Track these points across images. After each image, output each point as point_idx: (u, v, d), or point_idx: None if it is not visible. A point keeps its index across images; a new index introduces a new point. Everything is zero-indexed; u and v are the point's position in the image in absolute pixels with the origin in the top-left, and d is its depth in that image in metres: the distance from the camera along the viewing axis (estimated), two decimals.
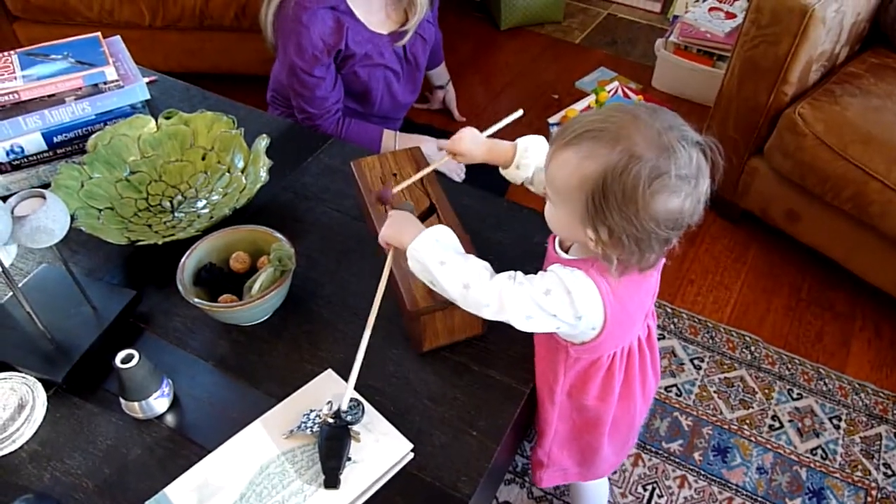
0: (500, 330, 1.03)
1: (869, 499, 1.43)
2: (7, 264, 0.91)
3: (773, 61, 1.64)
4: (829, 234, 1.74)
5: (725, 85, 1.78)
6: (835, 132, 1.60)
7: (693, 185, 0.74)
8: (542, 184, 0.95)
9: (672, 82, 2.54)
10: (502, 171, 1.03)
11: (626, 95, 2.15)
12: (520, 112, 1.08)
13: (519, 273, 0.83)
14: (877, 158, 1.54)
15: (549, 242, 0.93)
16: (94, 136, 1.23)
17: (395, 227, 0.90)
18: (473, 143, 1.02)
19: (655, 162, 0.71)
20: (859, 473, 1.47)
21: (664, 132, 0.72)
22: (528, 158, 0.99)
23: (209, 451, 0.90)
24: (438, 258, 0.83)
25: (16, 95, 1.23)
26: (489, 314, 0.82)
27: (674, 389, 1.60)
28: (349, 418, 0.88)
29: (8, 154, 1.25)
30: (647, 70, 2.63)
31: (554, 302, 0.80)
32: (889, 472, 1.47)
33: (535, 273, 0.85)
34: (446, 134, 1.80)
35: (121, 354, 0.89)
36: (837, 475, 1.46)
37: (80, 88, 1.28)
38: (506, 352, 1.02)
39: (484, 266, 0.84)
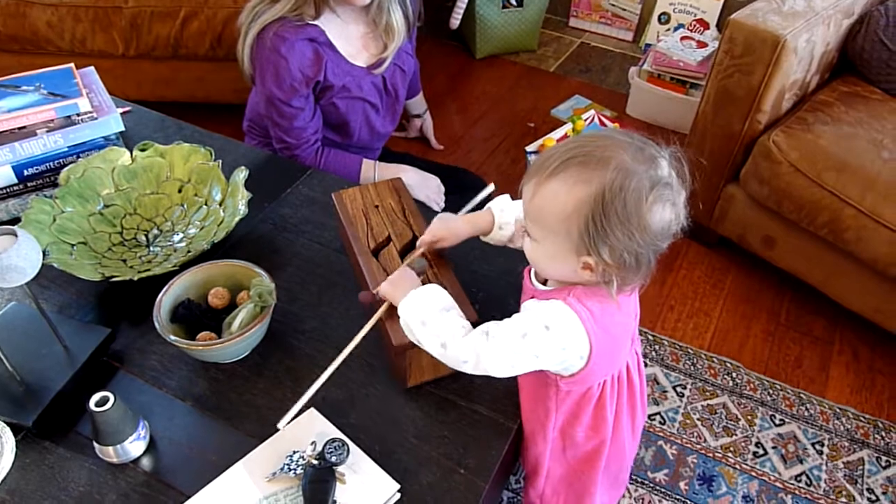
0: None
1: None
2: None
3: (747, 90, 1.66)
4: (806, 259, 1.76)
5: (700, 113, 1.81)
6: (809, 159, 1.63)
7: (677, 192, 0.77)
8: (520, 236, 0.97)
9: (646, 110, 2.57)
10: (485, 239, 1.05)
11: (602, 124, 2.17)
12: (491, 187, 1.11)
13: (491, 325, 0.84)
14: (850, 185, 1.57)
15: (524, 275, 0.93)
16: (66, 168, 1.20)
17: (394, 284, 0.92)
18: (452, 227, 1.03)
19: (647, 173, 0.73)
20: (844, 499, 1.47)
21: (643, 146, 0.76)
22: (507, 217, 1.01)
23: (188, 497, 0.86)
24: (420, 318, 0.85)
25: None
26: (469, 369, 0.84)
27: (657, 417, 1.59)
28: (333, 459, 0.86)
29: None
30: (622, 98, 2.67)
31: (532, 343, 0.80)
32: (873, 497, 1.47)
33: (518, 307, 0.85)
34: (424, 163, 1.79)
35: (95, 397, 0.86)
36: (822, 501, 1.46)
37: (53, 120, 1.25)
38: (492, 386, 1.00)
39: (461, 324, 0.85)
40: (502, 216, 1.02)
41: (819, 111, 1.73)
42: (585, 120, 2.11)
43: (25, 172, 1.24)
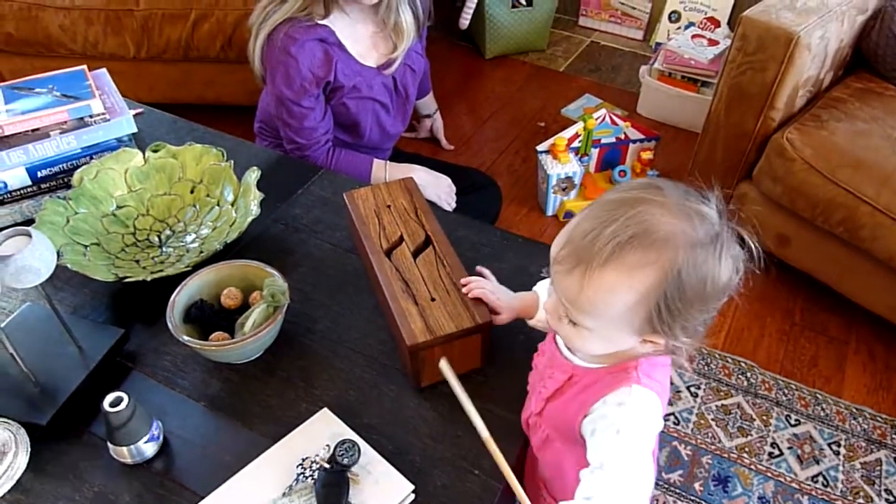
0: (498, 364, 1.02)
1: None
2: None
3: (760, 87, 1.65)
4: (821, 257, 1.74)
5: (713, 111, 1.79)
6: (823, 157, 1.61)
7: (729, 235, 0.68)
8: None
9: (657, 109, 2.56)
10: (531, 323, 0.98)
11: (613, 122, 2.16)
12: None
13: (598, 482, 0.70)
14: (866, 182, 1.55)
15: (550, 344, 0.85)
16: (79, 170, 1.20)
17: None
18: (513, 305, 0.98)
19: (707, 235, 0.66)
20: (861, 500, 1.45)
21: (688, 203, 0.67)
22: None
23: (202, 497, 0.86)
24: None
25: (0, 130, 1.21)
26: None
27: (671, 418, 1.58)
28: (346, 461, 0.85)
29: None
30: (632, 97, 2.65)
31: (646, 449, 0.71)
32: (891, 498, 1.45)
33: None
34: (435, 163, 1.79)
35: (109, 398, 0.86)
36: (840, 502, 1.44)
37: (66, 122, 1.26)
38: (506, 386, 0.99)
39: None
40: (544, 297, 0.94)
41: (833, 108, 1.72)
42: (597, 119, 2.10)
43: (39, 174, 1.25)
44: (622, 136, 2.14)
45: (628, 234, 0.65)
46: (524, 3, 2.80)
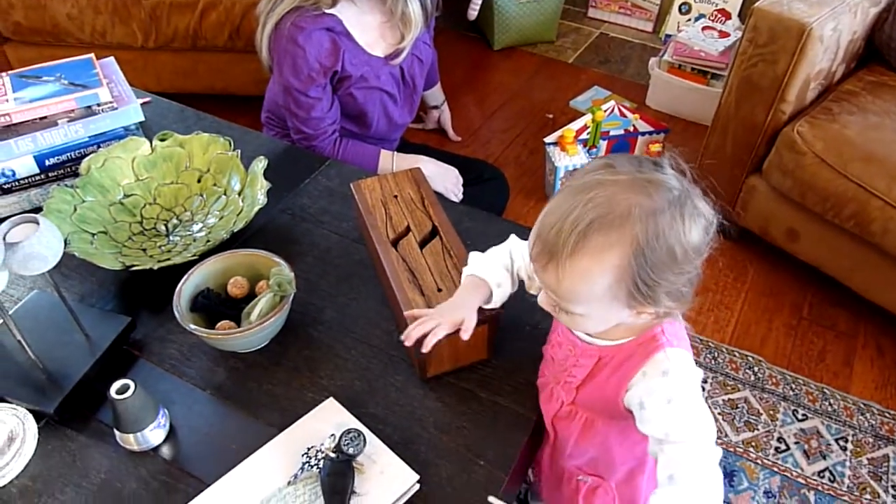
0: (504, 355, 1.02)
1: None
2: None
3: (771, 80, 1.63)
4: (830, 252, 1.73)
5: (723, 104, 1.78)
6: (834, 150, 1.60)
7: (694, 196, 0.71)
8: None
9: (666, 101, 2.54)
10: (493, 302, 0.92)
11: (622, 114, 2.14)
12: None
13: (672, 454, 0.74)
14: (877, 176, 1.54)
15: (567, 334, 0.84)
16: (87, 158, 1.20)
17: None
18: (471, 307, 0.89)
19: (668, 205, 0.67)
20: (868, 496, 1.44)
21: (642, 174, 0.68)
22: (493, 273, 0.91)
23: (207, 485, 0.86)
24: None
25: (7, 118, 1.21)
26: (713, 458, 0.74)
27: None
28: (351, 451, 0.85)
29: None
30: (641, 89, 2.64)
31: (690, 406, 0.74)
32: None
33: None
34: (442, 154, 1.79)
35: (116, 385, 0.86)
36: (846, 498, 1.44)
37: (73, 111, 1.26)
38: (512, 377, 0.99)
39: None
40: (490, 275, 0.91)
41: (845, 101, 1.70)
42: (605, 111, 2.09)
43: (47, 162, 1.25)
44: (631, 129, 2.13)
45: (587, 220, 0.66)
46: None
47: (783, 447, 1.52)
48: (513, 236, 0.97)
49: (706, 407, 0.76)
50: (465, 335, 0.87)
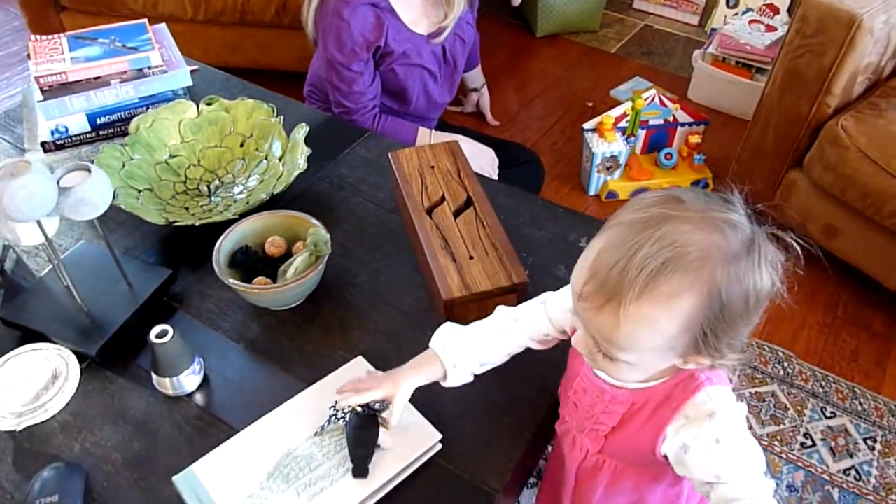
0: None
1: None
2: (50, 235, 0.91)
3: (818, 72, 1.61)
4: (870, 250, 1.70)
5: (766, 95, 1.76)
6: (879, 146, 1.57)
7: (762, 234, 0.64)
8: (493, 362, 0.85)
9: (708, 94, 2.51)
10: (445, 384, 0.87)
11: (662, 104, 2.13)
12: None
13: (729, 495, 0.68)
14: None
15: (592, 379, 0.78)
16: (136, 118, 1.24)
17: None
18: (403, 386, 0.84)
19: (744, 248, 0.61)
20: (894, 497, 1.42)
21: (713, 213, 0.62)
22: (454, 355, 0.85)
23: (237, 431, 0.89)
24: None
25: (63, 76, 1.25)
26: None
27: None
28: (377, 406, 0.87)
29: (53, 133, 1.27)
30: (683, 81, 2.61)
31: (739, 443, 0.69)
32: None
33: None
34: (480, 136, 1.80)
35: (156, 329, 0.89)
36: (871, 497, 1.42)
37: (126, 72, 1.30)
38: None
39: None
40: (450, 355, 0.84)
41: (892, 97, 1.67)
42: (646, 99, 2.08)
43: (98, 121, 1.29)
44: (671, 119, 2.12)
45: (660, 260, 0.59)
46: None
47: (809, 443, 1.51)
48: (548, 297, 0.87)
49: (754, 440, 0.70)
50: (390, 423, 0.83)
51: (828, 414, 1.56)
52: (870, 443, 1.51)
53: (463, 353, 0.84)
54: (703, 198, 0.64)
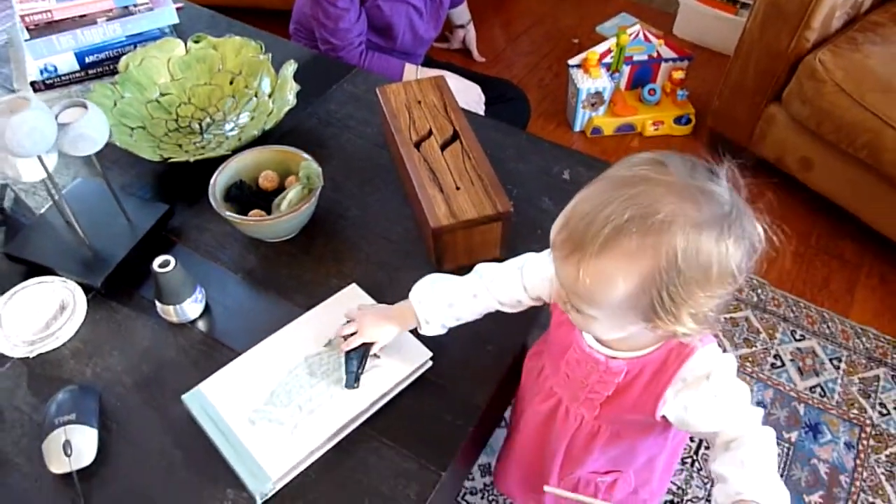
0: (516, 254, 1.08)
1: (863, 435, 1.49)
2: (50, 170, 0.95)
3: (797, 6, 1.63)
4: (842, 182, 1.76)
5: (747, 30, 1.78)
6: (854, 79, 1.61)
7: (745, 215, 0.63)
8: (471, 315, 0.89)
9: (693, 30, 2.52)
10: (421, 332, 0.91)
11: (647, 39, 2.14)
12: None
13: (734, 438, 0.72)
14: (894, 107, 1.55)
15: (584, 352, 0.79)
16: (125, 56, 1.25)
17: None
18: (384, 330, 0.90)
19: (714, 217, 0.61)
20: (855, 411, 1.52)
21: (694, 181, 0.62)
22: (428, 311, 0.88)
23: (240, 354, 0.95)
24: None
25: (49, 14, 1.26)
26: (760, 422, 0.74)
27: None
28: None
29: (42, 73, 1.28)
30: (669, 17, 2.61)
31: (735, 394, 0.72)
32: (884, 411, 1.52)
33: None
34: (467, 73, 1.81)
35: (158, 259, 0.94)
36: (834, 412, 1.52)
37: (112, 10, 1.31)
38: None
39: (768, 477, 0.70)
40: (424, 311, 0.88)
41: (870, 31, 1.70)
42: (630, 35, 2.09)
43: (87, 60, 1.31)
44: (655, 54, 2.13)
45: (624, 218, 0.60)
46: None
47: (779, 363, 1.60)
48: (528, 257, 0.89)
49: (743, 383, 0.74)
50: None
51: (797, 337, 1.65)
52: (835, 363, 1.60)
53: (435, 311, 0.88)
54: (689, 165, 0.63)
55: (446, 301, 0.88)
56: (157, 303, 0.98)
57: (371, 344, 0.91)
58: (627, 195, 0.61)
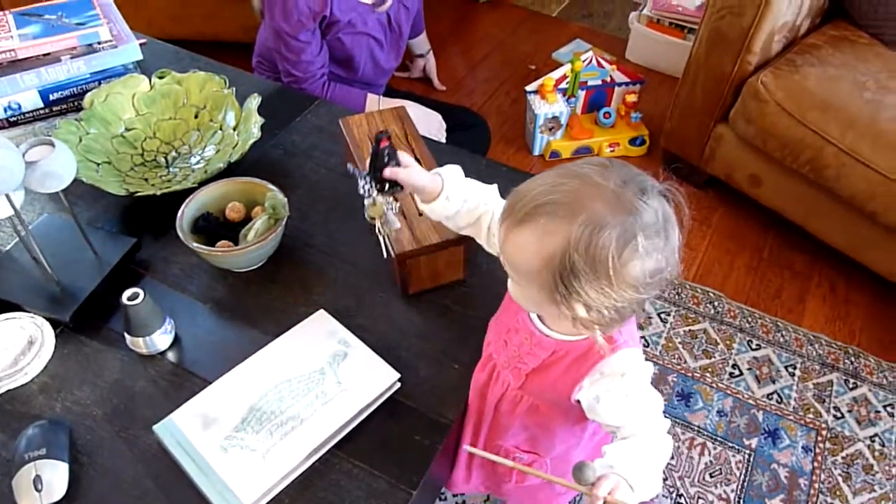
0: (479, 276, 1.12)
1: (819, 438, 1.55)
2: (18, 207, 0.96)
3: (738, 32, 1.72)
4: (789, 197, 1.84)
5: (694, 55, 1.87)
6: (794, 99, 1.70)
7: (665, 238, 0.68)
8: (466, 225, 0.94)
9: (645, 55, 2.62)
10: (422, 207, 0.94)
11: (599, 65, 2.22)
12: None
13: (632, 435, 0.79)
14: (832, 124, 1.64)
15: (526, 323, 0.85)
16: (90, 93, 1.27)
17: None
18: (416, 171, 0.92)
19: (621, 227, 0.66)
20: (811, 416, 1.59)
21: (621, 190, 0.67)
22: (455, 190, 0.91)
23: (210, 383, 0.96)
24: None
25: (12, 53, 1.28)
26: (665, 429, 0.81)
27: (641, 341, 1.70)
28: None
29: (6, 110, 1.29)
30: (622, 43, 2.71)
31: (644, 398, 0.80)
32: (838, 415, 1.59)
33: None
34: (427, 101, 1.87)
35: (127, 292, 0.95)
36: (791, 417, 1.58)
37: (75, 48, 1.32)
38: (485, 295, 1.09)
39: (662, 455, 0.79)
40: (451, 188, 0.91)
41: (807, 53, 1.79)
42: (584, 61, 2.17)
43: (51, 97, 1.32)
44: (608, 79, 2.21)
45: (545, 200, 0.67)
46: None
47: (737, 373, 1.66)
48: (494, 187, 0.96)
49: (656, 393, 0.81)
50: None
51: (753, 346, 1.71)
52: (790, 370, 1.67)
53: (455, 196, 0.91)
54: (625, 177, 0.68)
55: (462, 198, 0.92)
56: (127, 335, 0.99)
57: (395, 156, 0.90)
58: (560, 183, 0.69)
